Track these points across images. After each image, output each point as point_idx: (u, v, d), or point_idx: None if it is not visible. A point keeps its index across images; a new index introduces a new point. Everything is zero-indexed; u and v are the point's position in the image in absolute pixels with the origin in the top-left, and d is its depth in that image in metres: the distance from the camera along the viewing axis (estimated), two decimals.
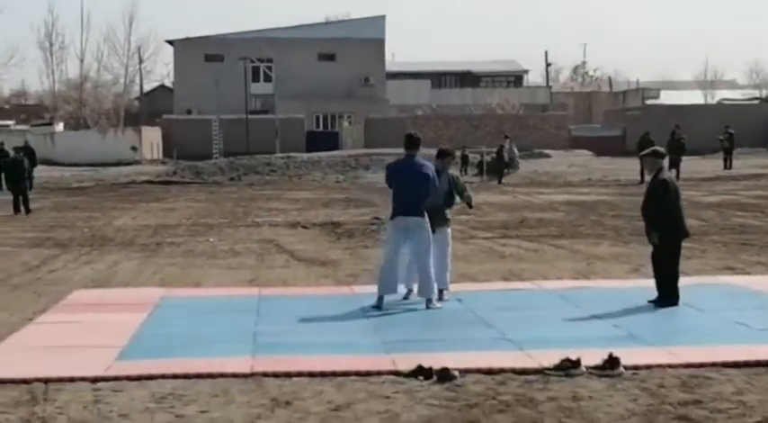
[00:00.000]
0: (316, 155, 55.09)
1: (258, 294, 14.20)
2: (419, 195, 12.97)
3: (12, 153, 34.36)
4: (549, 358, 9.52)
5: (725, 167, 47.36)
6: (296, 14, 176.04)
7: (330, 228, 23.94)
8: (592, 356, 9.44)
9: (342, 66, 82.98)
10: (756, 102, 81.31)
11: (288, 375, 9.24)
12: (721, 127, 50.77)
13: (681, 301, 12.85)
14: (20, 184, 29.79)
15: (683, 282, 14.20)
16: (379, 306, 12.90)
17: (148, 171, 53.29)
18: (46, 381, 9.12)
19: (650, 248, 13.14)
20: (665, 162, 13.24)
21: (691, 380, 9.02)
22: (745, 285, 14.28)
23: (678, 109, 69.27)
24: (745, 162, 50.78)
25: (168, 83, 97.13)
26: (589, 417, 7.90)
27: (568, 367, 9.28)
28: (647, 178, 13.51)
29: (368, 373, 9.28)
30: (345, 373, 9.27)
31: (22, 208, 29.31)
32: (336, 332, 11.43)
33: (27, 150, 38.03)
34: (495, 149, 47.72)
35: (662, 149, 13.64)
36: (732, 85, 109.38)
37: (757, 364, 9.55)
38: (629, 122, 69.42)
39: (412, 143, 13.35)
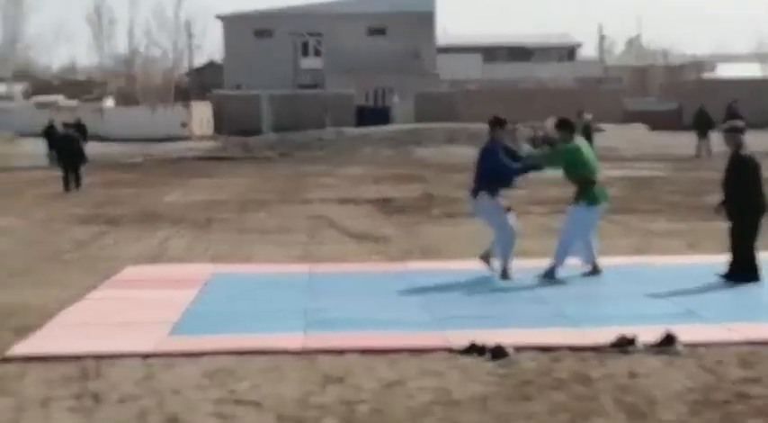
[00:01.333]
0: (366, 130, 55.02)
1: (309, 271, 14.23)
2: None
3: (61, 129, 34.60)
4: (605, 335, 9.48)
5: None
6: None
7: (381, 204, 23.93)
8: (648, 333, 9.40)
9: (392, 40, 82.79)
10: None
11: (340, 352, 9.27)
12: None
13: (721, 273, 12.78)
14: (72, 160, 29.98)
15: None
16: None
17: (198, 147, 53.52)
18: (97, 357, 9.20)
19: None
20: (743, 138, 13.04)
21: (750, 357, 8.96)
22: None
23: (735, 83, 68.61)
24: None
25: (218, 58, 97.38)
26: (645, 394, 7.86)
27: (625, 344, 9.25)
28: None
29: (420, 350, 9.28)
30: (397, 350, 9.28)
31: (72, 184, 29.53)
32: (388, 309, 11.43)
33: (79, 127, 38.30)
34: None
35: (741, 124, 13.40)
36: None
37: None
38: (685, 96, 68.79)
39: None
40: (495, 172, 13.15)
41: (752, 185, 12.72)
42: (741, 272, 12.69)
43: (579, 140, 13.56)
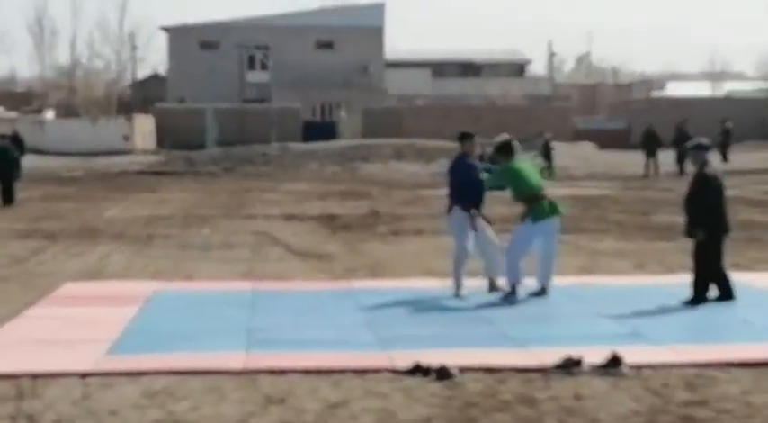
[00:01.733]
0: (312, 145, 55.03)
1: (252, 288, 14.19)
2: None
3: None
4: (551, 356, 9.52)
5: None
6: (293, 1, 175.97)
7: (327, 220, 23.92)
8: (594, 354, 9.44)
9: (340, 54, 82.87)
10: (766, 94, 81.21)
11: (282, 372, 9.24)
12: (731, 119, 50.69)
13: (685, 299, 12.87)
14: (7, 173, 29.52)
15: (688, 278, 14.23)
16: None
17: (140, 161, 53.27)
18: (34, 376, 9.11)
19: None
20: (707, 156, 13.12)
21: (696, 379, 9.02)
22: (750, 283, 14.25)
23: (684, 102, 69.31)
24: (753, 156, 50.76)
25: (162, 71, 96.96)
26: (591, 416, 7.90)
27: (570, 365, 9.29)
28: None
29: (364, 371, 9.28)
30: (341, 371, 9.27)
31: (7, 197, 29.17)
32: (332, 328, 11.42)
33: (15, 139, 37.96)
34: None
35: (707, 142, 13.48)
36: (741, 76, 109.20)
37: (765, 363, 9.54)
38: (634, 115, 69.41)
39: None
40: (465, 185, 13.29)
41: (715, 204, 12.80)
42: (704, 293, 12.74)
43: (521, 160, 13.74)
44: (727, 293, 12.80)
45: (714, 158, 13.79)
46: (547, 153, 44.62)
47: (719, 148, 47.14)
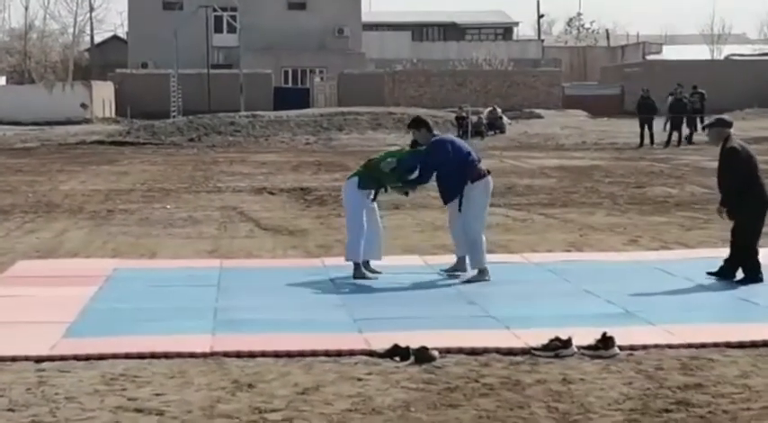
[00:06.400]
0: (284, 113, 54.88)
1: (219, 266, 14.18)
2: None
3: None
4: (538, 337, 9.55)
5: (691, 132, 42.84)
6: None
7: (299, 194, 23.94)
8: (584, 336, 9.47)
9: (313, 15, 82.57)
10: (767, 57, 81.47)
11: (251, 355, 9.25)
12: (731, 84, 50.70)
13: (681, 276, 12.94)
14: None
15: (685, 255, 14.33)
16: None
17: (99, 130, 53.11)
18: None
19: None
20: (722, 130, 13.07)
21: (691, 361, 9.07)
22: None
23: (682, 65, 69.48)
24: (753, 124, 50.92)
25: (122, 33, 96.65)
26: (580, 401, 7.94)
27: (558, 347, 9.32)
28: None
29: (338, 354, 9.29)
30: (314, 354, 9.28)
31: None
32: (304, 308, 11.43)
33: None
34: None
35: (728, 118, 13.47)
36: (742, 39, 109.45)
37: (764, 344, 9.61)
38: (628, 80, 69.69)
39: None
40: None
41: (750, 177, 12.75)
42: (736, 271, 12.76)
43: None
44: (756, 275, 12.71)
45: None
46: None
47: (693, 114, 45.60)
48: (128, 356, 9.21)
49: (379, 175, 13.37)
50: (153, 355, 9.23)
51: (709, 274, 12.92)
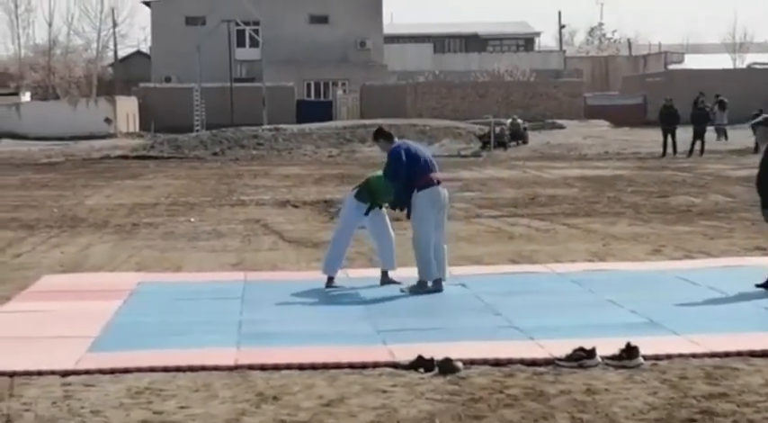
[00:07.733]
0: (307, 126, 54.95)
1: (244, 279, 14.21)
2: None
3: None
4: (561, 348, 9.53)
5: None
6: None
7: (322, 206, 23.94)
8: (608, 346, 9.45)
9: (335, 28, 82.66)
10: None
11: (275, 368, 9.26)
12: (754, 93, 50.53)
13: (705, 285, 12.88)
14: None
15: (709, 264, 14.24)
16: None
17: (123, 145, 53.25)
18: (11, 375, 9.12)
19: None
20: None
21: (715, 371, 9.04)
22: None
23: (704, 74, 69.24)
24: None
25: (145, 48, 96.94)
26: (604, 411, 7.92)
27: (582, 358, 9.30)
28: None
29: (363, 366, 9.29)
30: (338, 366, 9.28)
31: None
32: (329, 320, 11.45)
33: None
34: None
35: None
36: (764, 47, 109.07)
37: None
38: (651, 90, 69.37)
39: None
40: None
41: None
42: None
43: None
44: None
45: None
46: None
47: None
48: (153, 370, 9.23)
49: (374, 188, 13.42)
50: (178, 369, 9.24)
51: (758, 286, 12.72)
